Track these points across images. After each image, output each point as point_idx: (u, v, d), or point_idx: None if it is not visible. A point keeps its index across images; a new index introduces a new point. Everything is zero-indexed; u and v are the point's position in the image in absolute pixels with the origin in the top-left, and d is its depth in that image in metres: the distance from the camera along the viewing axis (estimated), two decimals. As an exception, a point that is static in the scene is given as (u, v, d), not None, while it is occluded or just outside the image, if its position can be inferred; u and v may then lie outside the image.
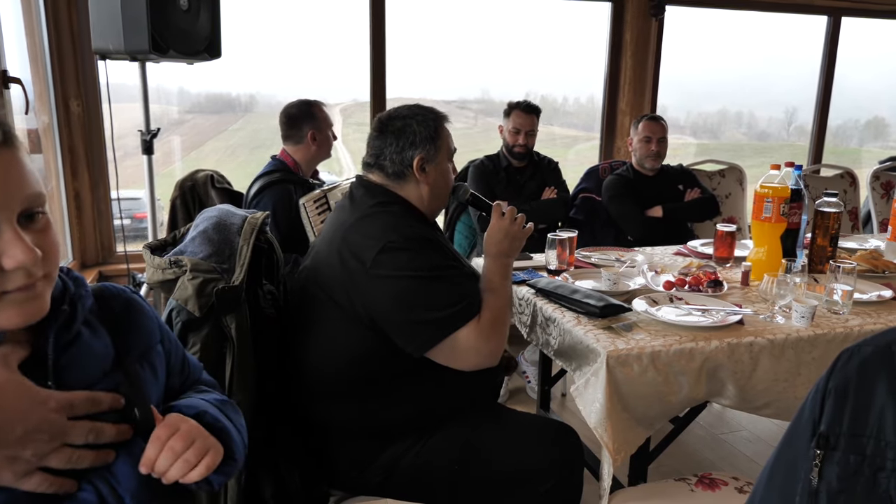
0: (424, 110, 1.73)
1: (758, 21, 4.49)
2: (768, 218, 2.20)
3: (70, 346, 0.89)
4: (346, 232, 1.63)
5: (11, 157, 0.80)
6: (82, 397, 0.85)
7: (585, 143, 5.75)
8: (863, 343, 0.74)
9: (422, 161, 1.68)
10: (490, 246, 1.69)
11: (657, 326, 1.80)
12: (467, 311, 1.55)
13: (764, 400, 1.77)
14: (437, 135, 1.70)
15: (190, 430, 0.92)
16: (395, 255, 1.54)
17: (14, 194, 0.79)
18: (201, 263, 1.49)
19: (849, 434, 0.71)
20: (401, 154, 1.68)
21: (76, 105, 3.12)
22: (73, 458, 0.82)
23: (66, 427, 0.82)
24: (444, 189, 1.76)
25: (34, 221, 0.82)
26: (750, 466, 2.73)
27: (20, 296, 0.80)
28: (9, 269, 0.78)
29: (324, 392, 1.64)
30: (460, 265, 1.68)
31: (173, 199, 2.69)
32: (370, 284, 1.55)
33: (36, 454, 0.79)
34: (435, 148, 1.69)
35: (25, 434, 0.78)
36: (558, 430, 1.72)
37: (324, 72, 5.80)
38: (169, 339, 1.09)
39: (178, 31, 2.47)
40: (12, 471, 0.78)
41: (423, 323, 1.53)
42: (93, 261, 3.33)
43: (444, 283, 1.56)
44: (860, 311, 1.95)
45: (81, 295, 0.93)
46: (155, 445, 0.88)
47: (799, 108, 6.99)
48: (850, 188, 4.05)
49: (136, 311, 1.02)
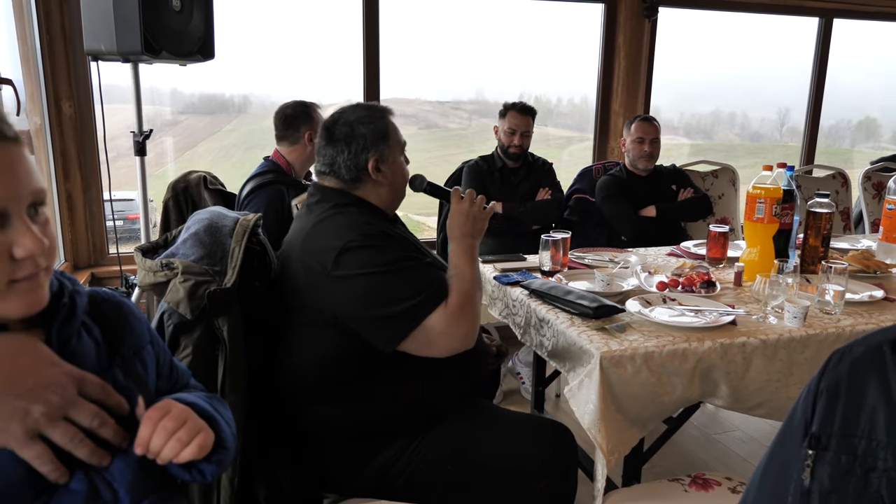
0: (369, 110, 1.73)
1: (750, 22, 4.51)
2: (761, 218, 2.20)
3: (69, 340, 0.91)
4: (304, 239, 1.63)
5: (19, 152, 0.84)
6: (94, 380, 0.88)
7: (579, 143, 5.75)
8: (854, 343, 0.74)
9: (376, 162, 1.69)
10: (453, 230, 1.71)
11: (650, 327, 1.80)
12: (433, 298, 1.56)
13: (757, 400, 1.78)
14: (386, 133, 1.71)
15: (182, 411, 0.94)
16: (355, 254, 1.55)
17: (24, 187, 0.84)
18: (193, 266, 1.49)
19: (840, 434, 0.71)
20: (355, 159, 1.68)
21: (68, 106, 3.11)
22: (75, 438, 0.84)
23: (76, 399, 0.85)
24: (402, 183, 1.77)
25: (37, 215, 0.87)
26: (743, 466, 2.74)
27: (26, 285, 0.84)
28: (19, 258, 0.83)
29: (306, 399, 1.63)
30: (422, 255, 1.68)
31: (166, 200, 2.68)
32: (334, 287, 1.55)
33: (45, 413, 0.82)
34: (387, 146, 1.70)
35: (36, 387, 0.82)
36: (552, 429, 1.72)
37: (318, 72, 5.79)
38: (157, 343, 1.11)
39: (170, 32, 2.45)
40: (22, 424, 0.80)
41: (390, 317, 1.53)
42: (85, 262, 3.32)
43: (406, 274, 1.57)
44: (852, 312, 1.96)
45: (79, 291, 0.96)
46: (148, 425, 0.90)
47: (791, 109, 7.02)
48: (842, 189, 4.06)
49: (127, 314, 1.05)
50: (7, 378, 0.81)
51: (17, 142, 0.85)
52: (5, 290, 0.83)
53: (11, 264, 0.83)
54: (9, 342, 0.84)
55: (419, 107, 10.66)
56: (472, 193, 1.74)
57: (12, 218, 0.83)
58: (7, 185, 0.82)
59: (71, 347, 0.91)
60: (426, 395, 1.64)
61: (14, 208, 0.83)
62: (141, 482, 0.91)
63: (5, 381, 0.80)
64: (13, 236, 0.83)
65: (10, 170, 0.83)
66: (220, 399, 1.12)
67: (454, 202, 1.74)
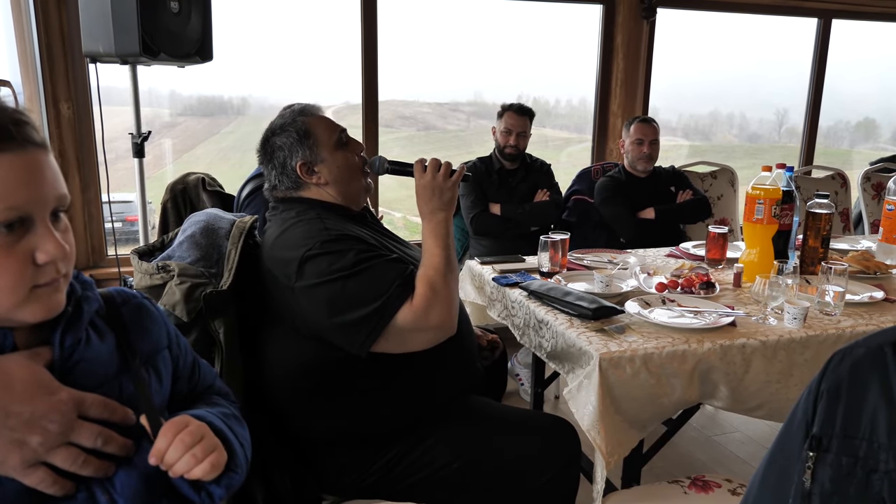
0: (284, 118, 1.70)
1: (748, 24, 4.51)
2: (760, 219, 2.20)
3: (76, 348, 0.91)
4: (270, 251, 1.61)
5: (46, 158, 0.86)
6: (95, 400, 0.88)
7: (577, 145, 5.76)
8: (855, 345, 0.74)
9: (305, 166, 1.66)
10: (421, 207, 1.63)
11: (650, 328, 1.80)
12: (398, 295, 1.50)
13: (756, 401, 1.77)
14: (306, 134, 1.67)
15: (199, 427, 0.94)
16: (314, 262, 1.51)
17: (49, 193, 0.85)
18: (189, 268, 1.49)
19: (841, 436, 0.71)
20: (283, 171, 1.67)
21: (66, 108, 3.10)
22: (78, 460, 0.84)
23: (75, 423, 0.84)
24: (349, 175, 1.70)
25: (59, 221, 0.87)
26: (743, 468, 2.73)
27: (47, 290, 0.85)
28: (41, 263, 0.83)
29: (296, 408, 1.62)
30: (384, 251, 1.61)
31: (164, 202, 2.67)
32: (299, 298, 1.53)
33: (43, 444, 0.81)
34: (309, 147, 1.66)
35: (33, 419, 0.81)
36: (553, 423, 1.72)
37: (316, 74, 5.80)
38: (178, 345, 1.10)
39: (168, 33, 2.45)
40: (20, 456, 0.80)
41: (357, 322, 1.49)
42: (83, 264, 3.31)
43: (367, 274, 1.51)
44: (852, 313, 1.95)
45: (88, 297, 0.96)
46: (165, 437, 0.90)
47: (790, 110, 7.02)
48: (842, 189, 4.06)
49: (145, 316, 1.04)
50: (2, 409, 0.80)
51: (45, 148, 0.86)
52: (28, 295, 0.83)
53: (34, 269, 0.83)
54: (3, 368, 0.83)
55: (417, 108, 10.67)
56: (436, 162, 1.64)
57: (36, 223, 0.83)
58: (33, 190, 0.83)
59: (77, 356, 0.91)
60: (415, 396, 1.62)
61: (38, 213, 0.83)
62: (143, 493, 0.90)
63: (1, 412, 0.80)
64: (36, 241, 0.83)
65: (37, 175, 0.84)
66: (239, 417, 1.11)
67: (417, 176, 1.65)
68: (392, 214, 7.13)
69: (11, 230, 0.81)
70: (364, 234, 1.63)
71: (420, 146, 10.99)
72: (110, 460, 0.88)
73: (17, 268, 0.82)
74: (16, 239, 0.82)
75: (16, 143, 0.82)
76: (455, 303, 1.58)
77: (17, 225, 0.82)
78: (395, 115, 9.69)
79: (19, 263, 0.82)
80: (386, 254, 1.60)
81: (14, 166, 0.81)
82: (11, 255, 0.82)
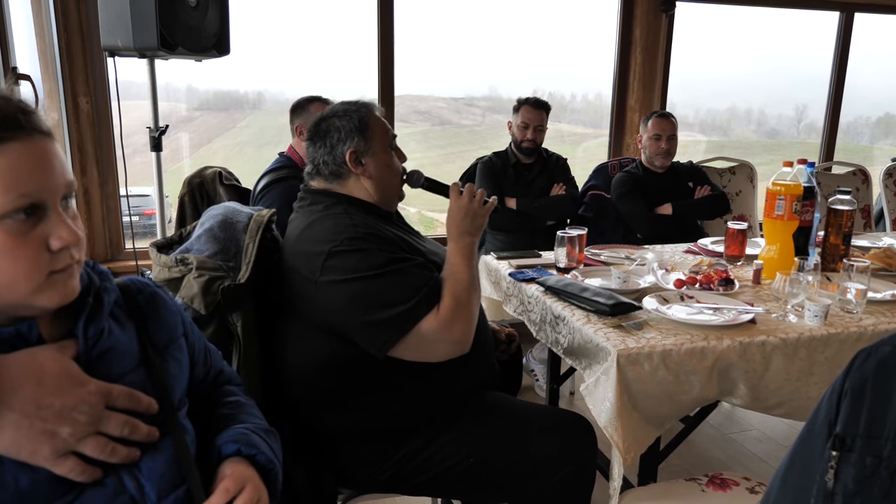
0: (347, 105, 1.70)
1: (768, 17, 4.47)
2: (780, 215, 2.18)
3: (99, 339, 0.93)
4: (294, 245, 1.61)
5: (54, 146, 0.88)
6: (122, 391, 0.90)
7: (593, 140, 5.73)
8: (880, 343, 0.73)
9: (354, 154, 1.65)
10: (451, 227, 1.65)
11: (668, 325, 1.78)
12: (424, 302, 1.50)
13: (776, 399, 1.75)
14: (365, 125, 1.67)
15: (257, 489, 0.99)
16: (341, 259, 1.51)
17: (58, 180, 0.87)
18: (207, 261, 1.49)
19: (866, 435, 0.70)
20: (332, 153, 1.66)
21: (85, 102, 3.13)
22: (107, 449, 0.86)
23: (103, 414, 0.87)
24: (390, 177, 1.71)
25: (68, 208, 0.89)
26: (761, 466, 2.71)
27: (62, 276, 0.87)
28: (55, 248, 0.85)
29: (312, 403, 1.62)
30: (413, 256, 1.61)
31: (182, 195, 2.69)
32: (322, 293, 1.52)
33: (73, 434, 0.83)
34: (365, 139, 1.66)
35: (63, 410, 0.83)
36: (569, 419, 1.71)
37: (332, 69, 5.80)
38: (192, 332, 1.12)
39: (186, 27, 2.47)
40: (51, 446, 0.82)
41: (380, 323, 1.49)
42: (101, 258, 3.34)
43: (395, 278, 1.51)
44: (874, 311, 1.93)
45: (107, 288, 0.97)
46: (222, 496, 0.95)
47: (809, 106, 6.94)
48: (863, 186, 4.01)
49: (161, 305, 1.06)
50: (34, 401, 0.82)
51: (52, 136, 0.88)
52: (44, 281, 0.85)
53: (49, 256, 0.85)
54: (35, 361, 0.84)
55: (433, 103, 10.64)
56: (472, 188, 1.67)
57: (48, 210, 0.85)
58: (44, 177, 0.85)
59: (101, 347, 0.92)
60: (430, 394, 1.62)
61: (50, 200, 0.85)
62: (168, 478, 0.92)
63: (33, 404, 0.81)
64: (50, 228, 0.85)
65: (47, 163, 0.85)
66: (275, 432, 1.14)
67: (453, 198, 1.68)
68: (407, 210, 7.15)
69: (28, 216, 0.83)
70: (390, 232, 1.64)
71: (435, 141, 10.97)
72: (136, 447, 0.90)
73: (33, 255, 0.83)
74: (30, 226, 0.84)
75: (24, 132, 0.84)
76: (475, 322, 1.59)
77: (30, 211, 0.83)
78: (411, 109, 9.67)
79: (34, 250, 0.84)
80: (415, 258, 1.60)
81: (24, 154, 0.83)
82: (27, 242, 0.83)
